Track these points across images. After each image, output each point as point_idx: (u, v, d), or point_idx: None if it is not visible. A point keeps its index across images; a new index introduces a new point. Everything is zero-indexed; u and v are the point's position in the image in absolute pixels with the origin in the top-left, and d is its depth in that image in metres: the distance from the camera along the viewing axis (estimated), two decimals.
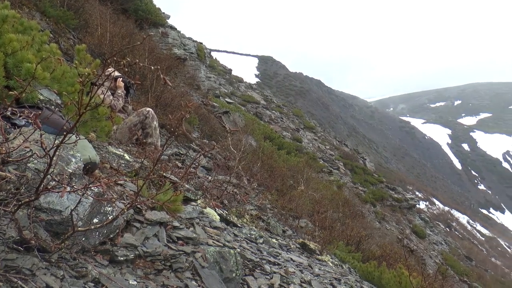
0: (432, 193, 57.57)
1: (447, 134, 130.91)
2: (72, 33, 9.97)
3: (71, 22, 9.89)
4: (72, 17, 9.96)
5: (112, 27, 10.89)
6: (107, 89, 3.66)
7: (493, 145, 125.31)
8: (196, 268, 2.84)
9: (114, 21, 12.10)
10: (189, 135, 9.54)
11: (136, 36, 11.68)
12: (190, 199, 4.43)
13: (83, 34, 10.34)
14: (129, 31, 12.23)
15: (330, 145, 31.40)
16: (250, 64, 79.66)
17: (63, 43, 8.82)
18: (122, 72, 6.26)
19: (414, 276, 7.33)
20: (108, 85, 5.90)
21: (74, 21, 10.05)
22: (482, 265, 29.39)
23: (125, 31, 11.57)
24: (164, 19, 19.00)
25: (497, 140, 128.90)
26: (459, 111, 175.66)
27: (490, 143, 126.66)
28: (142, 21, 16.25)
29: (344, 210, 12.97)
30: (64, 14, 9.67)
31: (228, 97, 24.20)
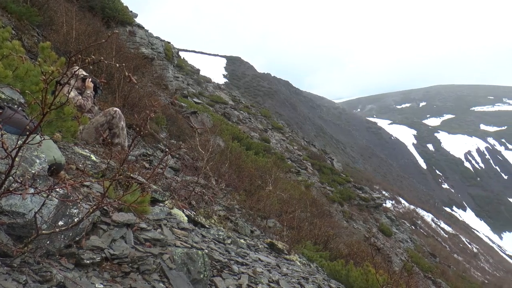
0: (398, 192, 58.69)
1: (413, 134, 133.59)
2: (36, 30, 9.74)
3: (35, 18, 9.65)
4: (36, 13, 9.72)
5: (78, 24, 10.68)
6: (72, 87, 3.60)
7: (456, 146, 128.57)
8: (163, 270, 2.82)
9: (80, 18, 11.87)
10: (157, 135, 9.45)
11: (103, 34, 11.49)
12: (157, 200, 4.39)
13: (47, 31, 10.11)
14: (95, 29, 12.03)
15: (298, 146, 31.61)
16: (218, 65, 79.45)
17: (26, 40, 8.60)
18: (88, 71, 6.17)
19: (381, 274, 7.46)
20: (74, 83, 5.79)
21: (38, 17, 9.81)
22: (445, 261, 30.12)
23: (91, 29, 11.37)
24: (131, 18, 18.76)
25: (460, 140, 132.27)
26: (424, 112, 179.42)
27: (453, 143, 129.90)
28: (109, 19, 15.99)
29: (312, 210, 13.08)
30: (27, 10, 9.42)
31: (196, 97, 24.07)
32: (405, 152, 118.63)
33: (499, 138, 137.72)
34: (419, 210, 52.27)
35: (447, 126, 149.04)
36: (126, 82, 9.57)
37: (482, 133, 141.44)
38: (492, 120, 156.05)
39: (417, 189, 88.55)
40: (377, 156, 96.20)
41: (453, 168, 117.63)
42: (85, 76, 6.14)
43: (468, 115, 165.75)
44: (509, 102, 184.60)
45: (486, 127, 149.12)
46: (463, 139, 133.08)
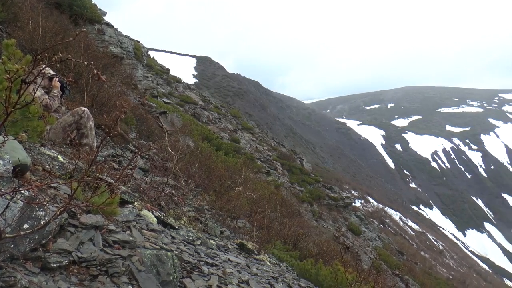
0: (367, 192, 59.54)
1: (381, 135, 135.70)
2: (0, 27, 9.49)
3: None
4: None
5: (45, 22, 10.44)
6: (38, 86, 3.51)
7: (423, 146, 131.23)
8: (133, 272, 2.79)
9: (46, 15, 11.62)
10: (126, 135, 9.34)
11: (70, 32, 11.27)
12: (126, 201, 4.35)
13: (12, 28, 9.85)
14: (63, 26, 11.79)
15: (267, 146, 31.70)
16: (188, 64, 79.03)
17: None
18: (55, 70, 6.05)
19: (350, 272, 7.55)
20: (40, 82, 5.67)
21: (2, 14, 9.55)
22: (412, 259, 30.72)
23: (58, 27, 11.14)
24: (100, 16, 18.47)
25: (427, 141, 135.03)
26: (392, 113, 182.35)
27: (420, 143, 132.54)
28: (77, 17, 15.70)
29: (281, 210, 13.14)
30: None
31: (166, 97, 23.87)
32: (373, 152, 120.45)
33: (463, 138, 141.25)
34: (387, 209, 53.16)
35: (414, 127, 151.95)
36: (94, 81, 9.42)
37: (447, 133, 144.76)
38: (457, 121, 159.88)
39: (385, 189, 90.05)
40: (346, 156, 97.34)
41: (420, 168, 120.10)
42: (52, 75, 6.02)
43: (434, 116, 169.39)
44: (473, 103, 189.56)
45: (451, 128, 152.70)
46: (429, 140, 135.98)
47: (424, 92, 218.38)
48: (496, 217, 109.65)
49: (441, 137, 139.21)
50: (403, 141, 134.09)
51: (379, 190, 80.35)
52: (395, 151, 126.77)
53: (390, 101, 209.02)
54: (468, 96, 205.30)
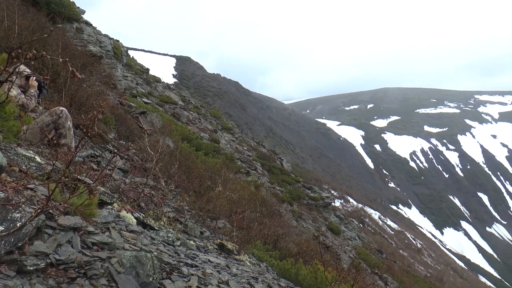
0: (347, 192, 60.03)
1: (361, 135, 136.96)
2: None
3: None
4: None
5: (21, 19, 10.27)
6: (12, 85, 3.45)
7: (402, 146, 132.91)
8: (112, 274, 2.77)
9: (23, 13, 11.43)
10: (105, 136, 9.25)
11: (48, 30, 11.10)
12: (105, 202, 4.30)
13: None
14: (40, 24, 11.61)
15: (247, 146, 31.72)
16: (168, 64, 78.64)
17: None
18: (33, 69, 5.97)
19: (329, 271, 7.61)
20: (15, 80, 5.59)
21: None
22: (391, 257, 31.08)
23: (35, 25, 10.96)
24: (78, 14, 18.23)
25: (405, 141, 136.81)
26: (372, 114, 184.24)
27: (399, 144, 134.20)
28: (54, 15, 15.45)
29: (261, 210, 13.16)
30: None
31: (146, 97, 23.70)
32: (353, 152, 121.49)
33: (441, 139, 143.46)
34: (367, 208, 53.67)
35: (393, 127, 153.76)
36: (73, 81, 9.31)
37: (425, 134, 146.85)
38: (435, 121, 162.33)
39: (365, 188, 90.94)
40: (326, 156, 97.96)
41: (399, 168, 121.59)
42: (29, 74, 5.93)
43: (413, 117, 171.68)
44: (450, 105, 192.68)
45: (429, 128, 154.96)
46: (408, 140, 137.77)
47: (403, 93, 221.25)
48: (472, 216, 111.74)
49: (420, 137, 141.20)
50: (382, 141, 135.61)
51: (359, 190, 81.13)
52: (374, 151, 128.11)
53: (369, 101, 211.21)
54: (445, 97, 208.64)
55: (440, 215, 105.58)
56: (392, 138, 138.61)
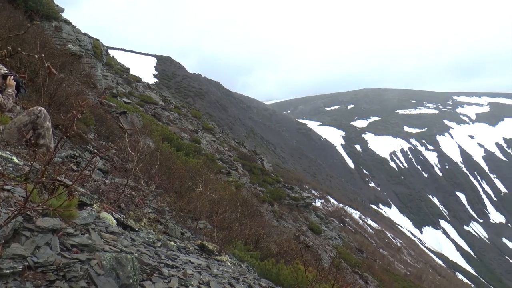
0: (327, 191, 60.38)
1: (341, 135, 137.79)
2: None
3: None
4: None
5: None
6: None
7: (382, 146, 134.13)
8: (91, 277, 2.75)
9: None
10: (85, 136, 9.15)
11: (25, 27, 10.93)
12: (85, 203, 4.27)
13: None
14: (17, 22, 11.43)
15: (228, 147, 31.68)
16: (149, 64, 78.06)
17: None
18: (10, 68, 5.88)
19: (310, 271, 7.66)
20: None
21: None
22: (371, 256, 31.36)
23: (12, 23, 10.80)
24: (57, 12, 17.98)
25: (385, 141, 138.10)
26: (352, 114, 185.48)
27: (379, 144, 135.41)
28: (32, 13, 15.21)
29: (242, 210, 13.16)
30: None
31: (126, 97, 23.50)
32: (334, 152, 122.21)
33: (420, 139, 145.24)
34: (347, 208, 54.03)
35: (373, 128, 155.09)
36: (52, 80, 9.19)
37: (405, 134, 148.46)
38: (414, 122, 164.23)
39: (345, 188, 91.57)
40: (306, 156, 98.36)
41: (379, 168, 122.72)
42: (6, 73, 5.85)
43: (393, 118, 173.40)
44: (429, 105, 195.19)
45: (409, 129, 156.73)
46: (388, 140, 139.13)
47: (383, 94, 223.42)
48: (450, 214, 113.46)
49: (399, 137, 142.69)
50: (363, 141, 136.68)
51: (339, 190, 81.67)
52: (354, 151, 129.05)
53: (349, 102, 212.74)
54: (424, 98, 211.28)
55: (419, 214, 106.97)
56: (372, 138, 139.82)
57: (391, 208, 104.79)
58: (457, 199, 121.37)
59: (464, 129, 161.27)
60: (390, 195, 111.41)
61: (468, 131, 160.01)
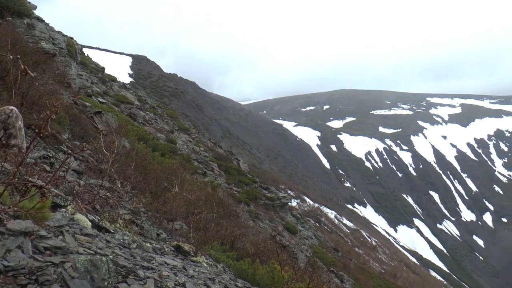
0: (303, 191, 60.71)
1: (317, 136, 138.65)
2: None
3: None
4: None
5: None
6: None
7: (357, 146, 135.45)
8: (65, 280, 2.71)
9: None
10: (59, 136, 9.01)
11: None
12: (59, 205, 4.21)
13: None
14: None
15: (204, 147, 31.59)
16: (124, 63, 77.21)
17: None
18: None
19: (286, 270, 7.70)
20: None
21: None
22: (347, 255, 31.68)
23: None
24: (29, 9, 17.62)
25: (361, 141, 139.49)
26: (328, 115, 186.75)
27: (354, 144, 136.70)
28: (2, 9, 14.87)
29: (218, 211, 13.14)
30: None
31: (101, 96, 23.19)
32: (309, 152, 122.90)
33: (395, 139, 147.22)
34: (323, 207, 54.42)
35: (349, 128, 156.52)
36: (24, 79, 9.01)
37: (380, 134, 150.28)
38: (389, 122, 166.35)
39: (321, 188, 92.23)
40: (282, 156, 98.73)
41: (354, 168, 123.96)
42: None
43: (368, 118, 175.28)
44: (403, 106, 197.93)
45: (384, 129, 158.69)
46: (363, 140, 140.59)
47: (358, 95, 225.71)
48: (424, 213, 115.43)
49: (374, 138, 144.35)
50: (338, 142, 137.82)
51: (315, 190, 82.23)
52: (330, 151, 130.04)
53: (325, 103, 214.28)
54: (399, 99, 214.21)
55: (394, 213, 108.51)
56: (347, 138, 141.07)
57: (367, 208, 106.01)
58: (431, 198, 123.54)
59: (437, 129, 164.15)
60: (366, 195, 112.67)
61: (441, 131, 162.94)
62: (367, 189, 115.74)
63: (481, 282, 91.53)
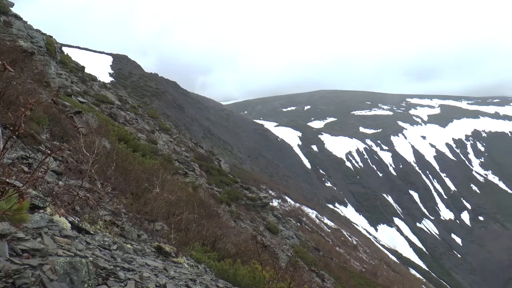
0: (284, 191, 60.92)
1: (298, 136, 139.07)
2: None
3: None
4: None
5: None
6: None
7: (338, 146, 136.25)
8: (43, 282, 2.68)
9: None
10: (37, 136, 8.88)
11: None
12: (37, 206, 4.16)
13: None
14: None
15: (185, 147, 31.50)
16: (104, 62, 76.46)
17: None
18: None
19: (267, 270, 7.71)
20: None
21: None
22: (328, 254, 31.89)
23: None
24: (6, 7, 17.34)
25: (341, 142, 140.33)
26: (309, 115, 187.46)
27: (335, 144, 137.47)
28: None
29: (199, 211, 13.11)
30: None
31: (81, 96, 22.94)
32: (291, 152, 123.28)
33: (375, 139, 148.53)
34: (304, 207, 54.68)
35: (330, 129, 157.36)
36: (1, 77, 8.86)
37: (361, 135, 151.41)
38: (369, 123, 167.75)
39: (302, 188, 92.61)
40: (264, 157, 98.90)
41: (335, 168, 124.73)
42: None
43: (349, 119, 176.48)
44: (384, 107, 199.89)
45: (364, 130, 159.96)
46: (344, 141, 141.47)
47: (339, 96, 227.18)
48: (404, 212, 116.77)
49: (355, 138, 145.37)
50: (319, 142, 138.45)
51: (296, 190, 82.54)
52: (311, 151, 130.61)
53: (306, 103, 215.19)
54: (379, 100, 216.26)
55: (375, 213, 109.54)
56: (328, 139, 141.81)
57: (347, 207, 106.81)
58: (411, 197, 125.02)
59: (416, 130, 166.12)
60: (346, 195, 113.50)
61: (421, 132, 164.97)
62: (348, 189, 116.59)
63: (459, 279, 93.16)
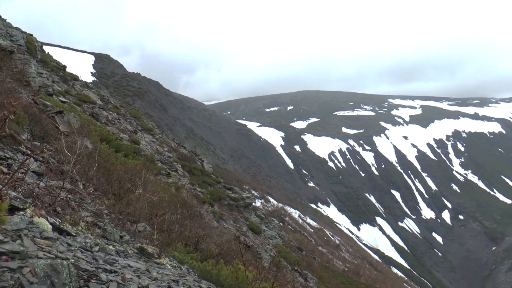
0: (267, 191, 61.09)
1: (281, 136, 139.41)
2: None
3: None
4: None
5: None
6: None
7: (321, 147, 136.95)
8: (23, 285, 2.66)
9: None
10: (17, 136, 8.78)
11: None
12: (17, 208, 4.12)
13: None
14: None
15: (168, 147, 31.36)
16: (86, 62, 75.65)
17: None
18: None
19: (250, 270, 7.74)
20: None
21: None
22: (311, 254, 32.06)
23: None
24: None
25: (324, 142, 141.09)
26: (291, 115, 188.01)
27: (318, 144, 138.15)
28: None
29: (182, 212, 13.07)
30: None
31: (62, 95, 22.66)
32: (273, 153, 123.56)
33: (357, 139, 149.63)
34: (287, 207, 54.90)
35: (312, 129, 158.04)
36: None
37: (343, 135, 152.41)
38: (352, 123, 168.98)
39: (285, 188, 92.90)
40: (246, 157, 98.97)
41: (318, 168, 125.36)
42: None
43: (331, 119, 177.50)
44: (366, 107, 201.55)
45: (347, 130, 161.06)
46: (327, 141, 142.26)
47: (321, 96, 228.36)
48: (386, 212, 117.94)
49: (338, 138, 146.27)
50: (302, 142, 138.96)
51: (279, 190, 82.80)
52: (294, 151, 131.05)
53: (289, 104, 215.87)
54: (362, 100, 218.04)
55: (357, 212, 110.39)
56: (311, 139, 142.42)
57: (330, 207, 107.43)
58: (393, 197, 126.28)
59: (398, 130, 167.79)
60: (329, 194, 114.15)
61: (402, 132, 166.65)
62: (331, 189, 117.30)
63: (440, 277, 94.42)
